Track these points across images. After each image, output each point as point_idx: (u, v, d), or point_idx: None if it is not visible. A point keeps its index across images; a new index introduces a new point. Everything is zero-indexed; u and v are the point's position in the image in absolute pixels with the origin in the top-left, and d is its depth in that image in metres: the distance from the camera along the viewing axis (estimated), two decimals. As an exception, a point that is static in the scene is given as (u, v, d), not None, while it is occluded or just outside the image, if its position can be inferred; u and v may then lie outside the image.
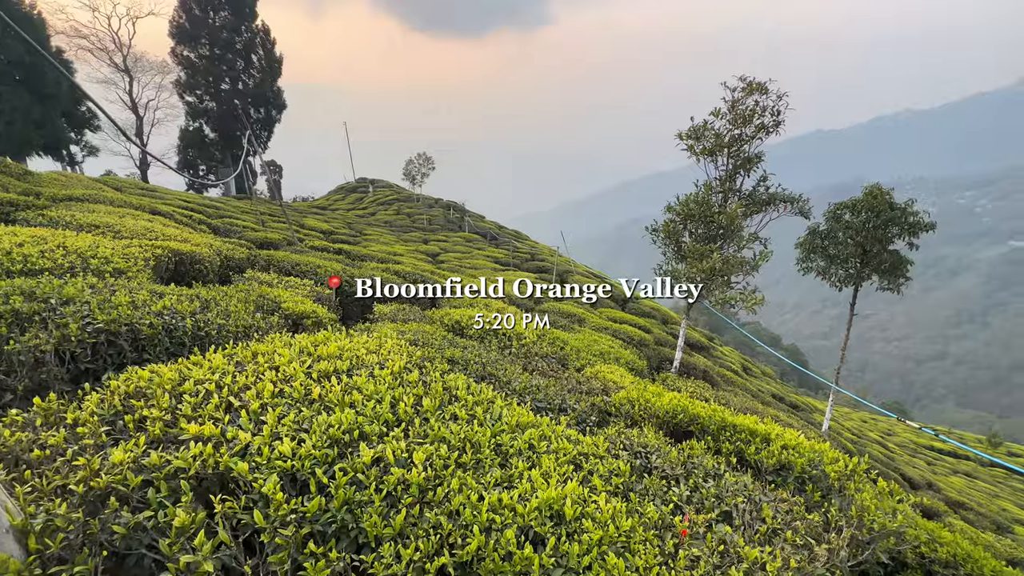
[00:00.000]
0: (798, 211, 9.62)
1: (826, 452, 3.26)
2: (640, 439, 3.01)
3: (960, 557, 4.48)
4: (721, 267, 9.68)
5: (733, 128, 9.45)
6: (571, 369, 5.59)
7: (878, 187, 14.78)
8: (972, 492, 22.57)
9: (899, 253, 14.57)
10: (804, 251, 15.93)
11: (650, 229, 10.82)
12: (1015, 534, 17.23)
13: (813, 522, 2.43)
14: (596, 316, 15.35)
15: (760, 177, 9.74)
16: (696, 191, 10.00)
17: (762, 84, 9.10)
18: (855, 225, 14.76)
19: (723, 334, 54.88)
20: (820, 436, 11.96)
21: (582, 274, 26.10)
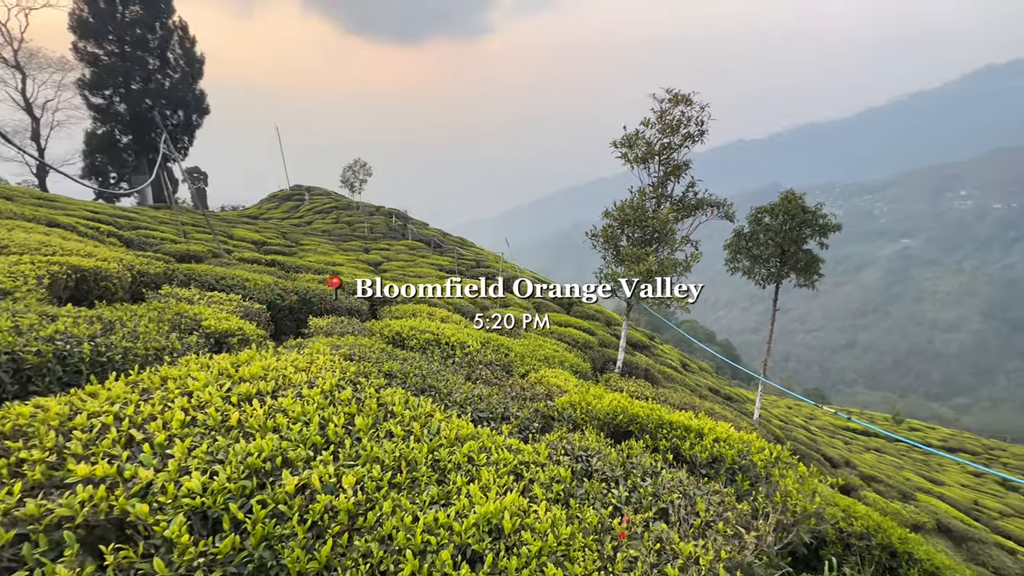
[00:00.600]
0: (724, 215, 10.27)
1: (753, 442, 3.45)
2: (581, 443, 3.04)
3: (872, 528, 4.91)
4: (657, 269, 10.11)
5: (663, 137, 9.96)
6: (515, 376, 5.58)
7: (792, 192, 16.11)
8: (882, 466, 24.98)
9: (812, 252, 15.90)
10: (731, 252, 16.99)
11: (590, 234, 11.11)
12: (918, 501, 19.23)
13: (743, 511, 2.55)
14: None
15: (689, 183, 10.32)
16: (631, 197, 10.42)
17: (686, 96, 9.67)
18: (774, 227, 15.98)
19: (663, 333, 57.46)
20: (752, 425, 12.78)
21: (527, 279, 26.38)
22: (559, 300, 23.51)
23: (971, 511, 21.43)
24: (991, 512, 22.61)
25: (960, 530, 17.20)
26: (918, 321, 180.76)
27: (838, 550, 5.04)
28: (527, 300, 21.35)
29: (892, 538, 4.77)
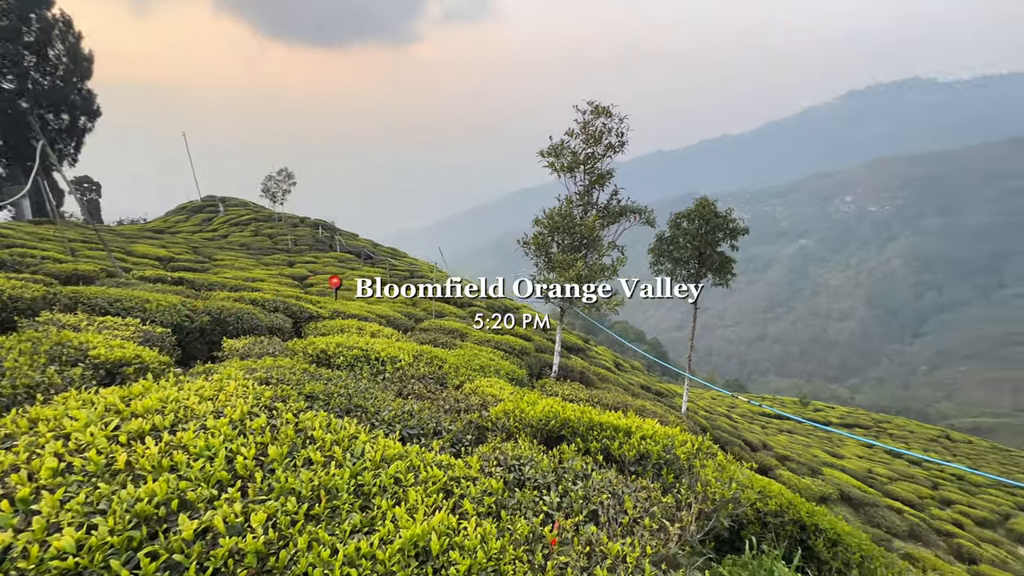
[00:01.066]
0: (645, 221, 10.87)
1: (676, 436, 3.63)
2: (514, 452, 3.04)
3: (784, 506, 5.35)
4: (587, 274, 10.46)
5: (586, 147, 10.37)
6: (450, 388, 5.49)
7: (706, 199, 17.43)
8: (793, 446, 27.47)
9: (725, 254, 17.25)
10: (654, 256, 18.01)
11: (521, 242, 11.27)
12: (824, 475, 21.33)
13: (668, 504, 2.67)
14: (478, 329, 15.49)
15: (612, 191, 10.82)
16: (559, 205, 10.72)
17: (607, 108, 10.16)
18: (691, 232, 17.20)
19: (597, 335, 59.52)
20: (680, 418, 13.51)
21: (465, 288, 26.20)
22: (494, 308, 23.60)
23: (867, 479, 24.14)
24: (882, 478, 25.60)
25: (858, 497, 19.30)
26: (815, 313, 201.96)
27: (757, 529, 5.43)
28: (463, 310, 21.20)
29: (801, 513, 5.24)
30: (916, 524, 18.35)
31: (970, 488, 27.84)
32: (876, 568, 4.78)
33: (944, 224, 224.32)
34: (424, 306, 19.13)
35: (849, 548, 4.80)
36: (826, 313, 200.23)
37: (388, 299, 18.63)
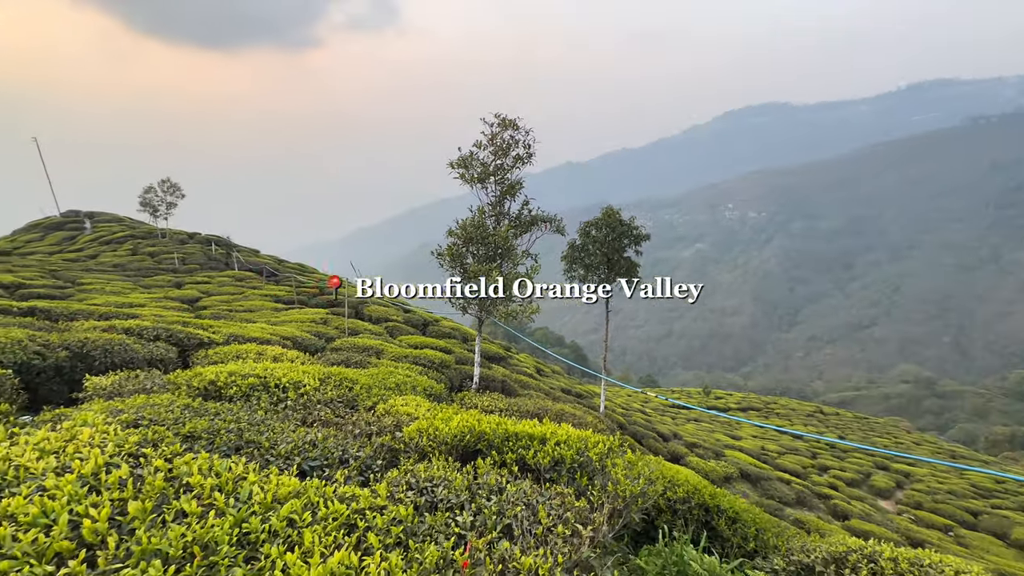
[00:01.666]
0: (556, 229, 11.25)
1: (589, 438, 3.74)
2: (427, 473, 2.91)
3: (690, 492, 5.74)
4: (502, 283, 10.55)
5: (495, 159, 10.53)
6: (361, 410, 5.18)
7: (611, 208, 18.49)
8: (700, 433, 29.87)
9: (631, 259, 18.40)
10: (567, 262, 18.70)
11: (436, 253, 11.11)
12: (726, 456, 23.39)
13: (581, 508, 2.72)
14: (395, 345, 14.93)
15: (523, 201, 11.07)
16: (472, 216, 10.74)
17: (513, 121, 10.41)
18: (600, 239, 18.12)
19: (519, 343, 60.40)
20: (598, 417, 14.07)
21: (378, 304, 25.18)
22: (413, 322, 22.99)
23: (761, 456, 26.93)
24: (773, 454, 28.72)
25: (755, 473, 21.42)
26: (712, 309, 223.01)
27: (668, 517, 5.76)
28: (379, 325, 20.37)
29: (705, 496, 5.65)
30: (801, 491, 20.75)
31: (840, 454, 32.20)
32: (768, 538, 5.28)
33: (805, 227, 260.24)
34: (337, 324, 18.10)
35: (746, 524, 5.25)
36: (721, 309, 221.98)
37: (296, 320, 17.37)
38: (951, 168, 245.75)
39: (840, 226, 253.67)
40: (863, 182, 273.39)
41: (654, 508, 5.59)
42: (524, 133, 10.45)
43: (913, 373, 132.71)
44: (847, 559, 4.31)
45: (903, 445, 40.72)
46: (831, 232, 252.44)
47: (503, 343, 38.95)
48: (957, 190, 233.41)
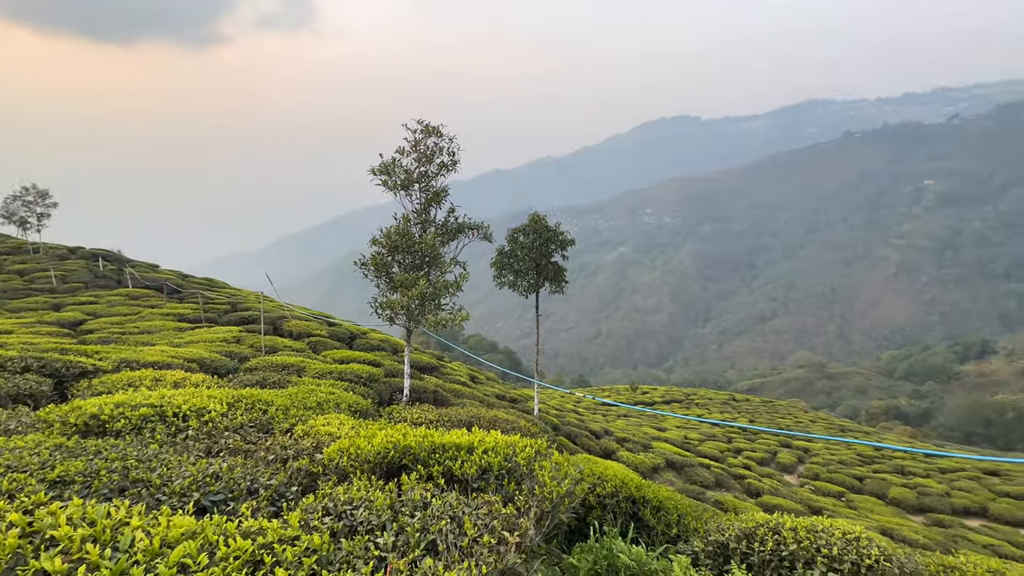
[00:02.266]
0: (483, 236, 11.27)
1: (517, 443, 3.75)
2: (347, 495, 2.75)
3: (617, 486, 5.97)
4: (431, 292, 10.37)
5: (419, 165, 10.35)
6: (277, 434, 4.81)
7: (537, 214, 18.91)
8: (630, 428, 31.27)
9: (558, 264, 18.91)
10: (497, 269, 18.82)
11: (359, 263, 10.67)
12: (654, 448, 24.68)
13: (509, 514, 2.70)
14: (318, 361, 14.13)
15: (450, 209, 10.98)
16: (396, 223, 10.46)
17: (436, 128, 10.32)
18: (527, 245, 18.45)
19: (452, 351, 59.71)
20: (532, 421, 14.24)
21: (300, 318, 23.71)
22: (339, 335, 21.91)
23: (684, 445, 28.73)
24: (695, 441, 30.75)
25: (679, 461, 22.79)
26: (635, 309, 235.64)
27: (599, 513, 5.95)
28: (301, 341, 19.17)
29: (631, 489, 5.90)
30: (720, 474, 22.39)
31: (751, 436, 35.24)
32: (689, 522, 5.62)
33: (715, 230, 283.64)
34: (252, 342, 16.78)
35: (668, 511, 5.55)
36: (643, 309, 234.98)
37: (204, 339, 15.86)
38: (832, 176, 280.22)
39: (744, 229, 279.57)
40: (762, 189, 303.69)
41: (584, 506, 5.74)
42: (448, 140, 10.39)
43: (807, 359, 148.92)
44: (756, 533, 4.70)
45: (802, 424, 45.45)
46: (737, 234, 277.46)
47: (436, 352, 38.28)
48: (837, 195, 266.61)
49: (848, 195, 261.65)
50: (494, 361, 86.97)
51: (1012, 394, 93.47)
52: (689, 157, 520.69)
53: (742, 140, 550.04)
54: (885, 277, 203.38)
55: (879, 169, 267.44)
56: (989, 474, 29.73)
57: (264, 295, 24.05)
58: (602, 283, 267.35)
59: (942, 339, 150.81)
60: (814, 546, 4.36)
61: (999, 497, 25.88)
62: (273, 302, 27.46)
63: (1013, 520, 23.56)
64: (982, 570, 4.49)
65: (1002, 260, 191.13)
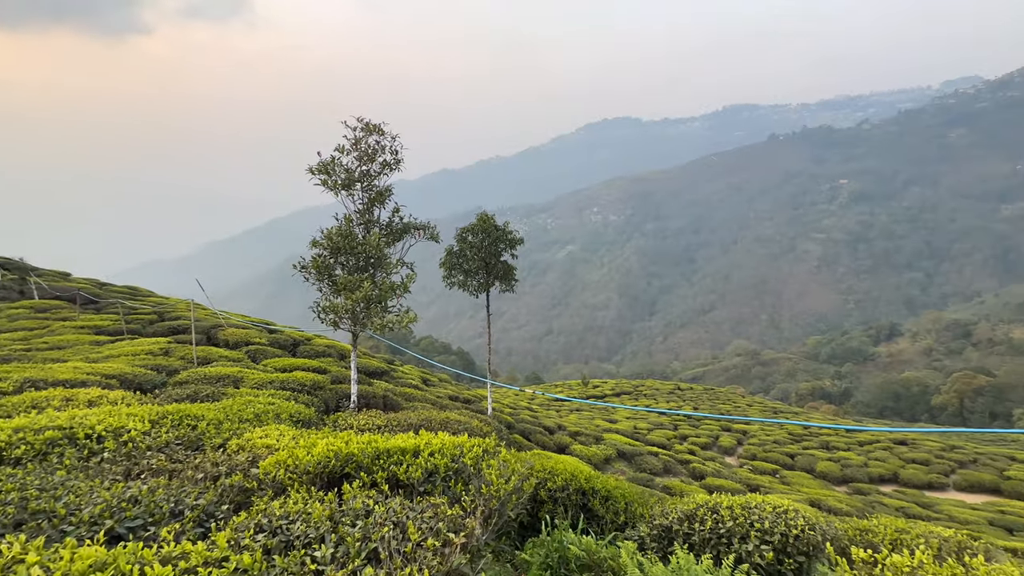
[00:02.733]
0: (430, 236, 11.10)
1: (465, 444, 3.72)
2: (283, 509, 2.61)
3: (568, 479, 6.08)
4: (376, 294, 10.09)
5: (361, 164, 10.03)
6: (208, 450, 4.50)
7: (485, 214, 18.89)
8: (582, 421, 31.98)
9: (508, 263, 18.99)
10: (446, 269, 18.65)
11: (299, 267, 10.20)
12: (605, 440, 25.38)
13: (455, 516, 2.67)
14: (258, 371, 13.38)
15: (394, 209, 10.73)
16: (338, 224, 10.10)
17: (378, 126, 10.03)
18: (476, 244, 18.41)
19: (403, 355, 58.46)
20: (485, 420, 14.22)
21: (237, 326, 22.32)
22: (280, 343, 20.86)
23: (634, 435, 29.77)
24: (644, 431, 31.93)
25: (630, 451, 23.59)
26: (585, 305, 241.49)
27: (550, 507, 6.04)
28: (238, 350, 18.07)
29: (581, 481, 6.03)
30: (667, 461, 23.39)
31: (695, 423, 37.10)
32: (636, 509, 5.82)
33: (657, 228, 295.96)
34: (183, 353, 15.63)
35: (616, 500, 5.72)
36: (593, 305, 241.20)
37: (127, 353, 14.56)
38: (760, 176, 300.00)
39: (683, 226, 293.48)
40: (699, 188, 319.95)
41: (536, 501, 5.81)
42: (390, 139, 10.12)
43: (743, 347, 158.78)
44: (696, 514, 4.95)
45: (740, 408, 48.41)
46: (677, 231, 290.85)
47: (386, 357, 37.36)
48: (765, 194, 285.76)
49: (774, 194, 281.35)
50: (447, 363, 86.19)
51: (916, 371, 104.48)
52: (631, 157, 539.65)
53: (679, 141, 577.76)
54: (808, 269, 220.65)
55: (800, 169, 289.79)
56: (899, 443, 33.02)
57: (195, 303, 22.39)
58: (552, 281, 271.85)
59: (858, 324, 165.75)
60: (748, 522, 4.65)
61: (907, 464, 28.82)
62: (206, 310, 25.71)
63: (919, 484, 26.33)
64: (891, 530, 4.97)
65: (905, 251, 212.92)
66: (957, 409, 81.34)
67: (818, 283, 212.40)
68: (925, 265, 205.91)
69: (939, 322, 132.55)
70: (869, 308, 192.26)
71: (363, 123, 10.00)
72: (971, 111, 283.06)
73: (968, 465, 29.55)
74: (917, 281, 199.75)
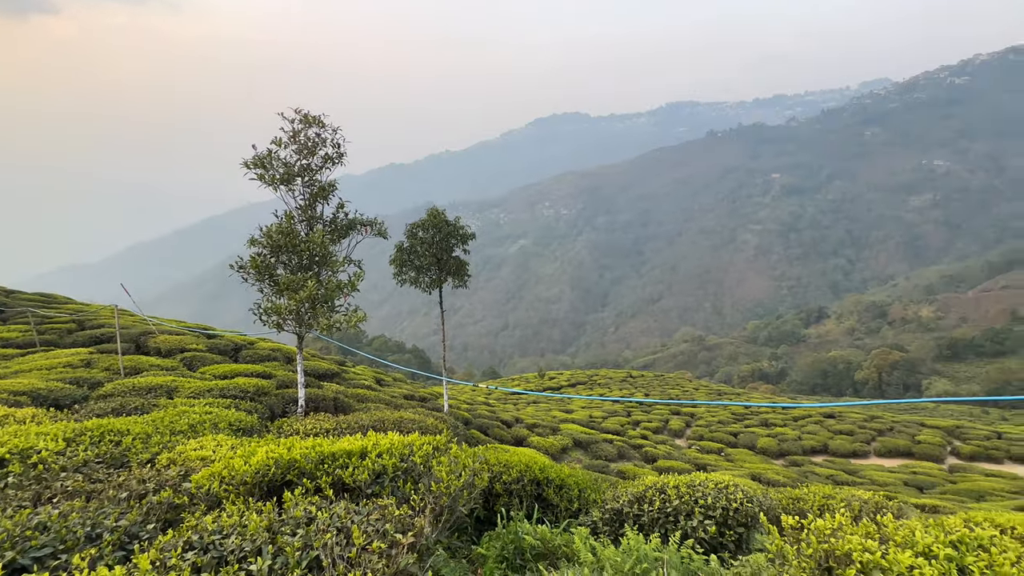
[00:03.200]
0: (377, 232, 10.78)
1: (415, 442, 3.65)
2: (215, 524, 2.45)
3: (522, 471, 6.13)
4: (322, 294, 9.70)
5: (301, 158, 9.57)
6: (134, 467, 4.16)
7: (435, 209, 18.61)
8: (539, 413, 32.41)
9: (460, 258, 18.82)
10: (397, 265, 18.24)
11: (236, 267, 9.61)
12: (562, 430, 25.87)
13: (403, 515, 2.62)
14: (195, 379, 12.55)
15: (338, 204, 10.33)
16: (278, 221, 9.59)
17: (317, 117, 9.59)
18: (427, 240, 18.11)
19: (356, 356, 56.74)
20: (441, 418, 14.09)
21: (171, 332, 20.81)
22: (220, 348, 19.68)
23: (590, 424, 30.53)
24: (599, 419, 32.83)
25: (586, 440, 24.17)
26: (539, 299, 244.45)
27: (506, 499, 6.08)
28: (172, 358, 16.86)
29: (536, 471, 6.10)
30: (621, 447, 24.18)
31: (647, 408, 38.57)
32: (589, 495, 5.96)
33: (607, 221, 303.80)
34: (107, 364, 14.42)
35: (570, 488, 5.84)
36: (547, 298, 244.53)
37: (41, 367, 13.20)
38: (702, 171, 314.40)
39: (632, 219, 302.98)
40: (646, 182, 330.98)
41: (492, 495, 5.82)
42: (332, 131, 9.70)
43: (690, 334, 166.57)
44: (645, 495, 5.14)
45: (688, 392, 50.79)
46: (625, 224, 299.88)
47: (337, 358, 36.18)
48: (707, 188, 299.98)
49: (715, 187, 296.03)
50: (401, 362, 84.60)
51: (842, 350, 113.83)
52: (580, 152, 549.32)
53: (626, 137, 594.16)
54: (746, 258, 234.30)
55: (738, 164, 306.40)
56: (828, 417, 35.88)
57: (122, 309, 20.61)
58: (506, 276, 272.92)
59: (791, 308, 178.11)
60: (693, 499, 4.88)
61: (835, 435, 31.36)
62: (134, 316, 23.79)
63: (846, 452, 28.74)
64: (819, 497, 5.39)
65: (831, 240, 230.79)
66: (876, 383, 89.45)
67: (755, 271, 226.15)
68: (847, 252, 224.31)
69: (860, 304, 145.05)
70: (800, 293, 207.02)
71: (301, 114, 9.53)
72: (883, 111, 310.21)
73: (886, 433, 32.56)
74: (841, 267, 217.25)
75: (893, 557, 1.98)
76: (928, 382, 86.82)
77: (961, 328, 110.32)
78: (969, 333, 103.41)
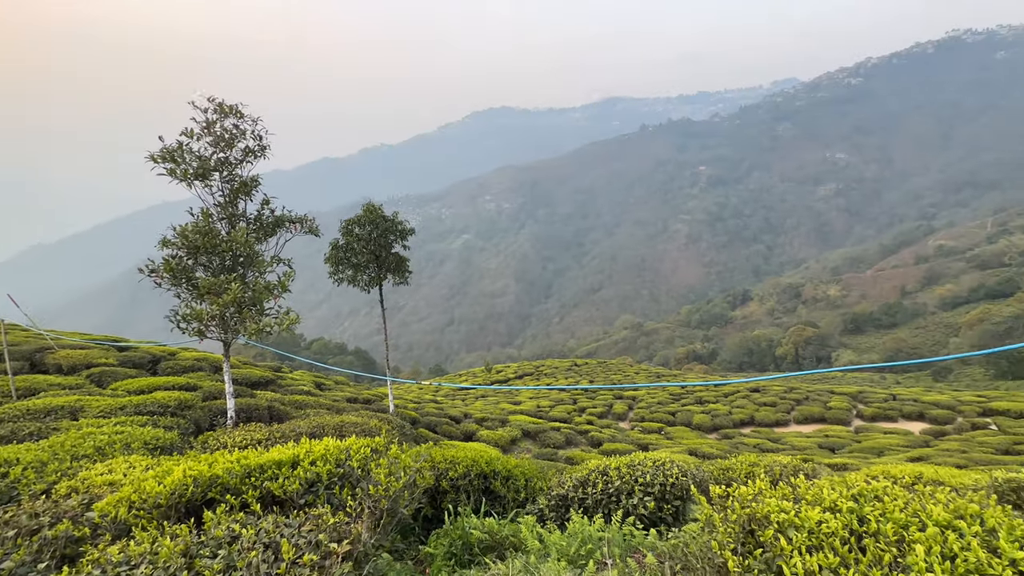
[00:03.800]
0: (308, 230, 10.23)
1: (352, 446, 3.51)
2: (121, 555, 2.21)
3: (469, 466, 6.11)
4: (249, 296, 9.07)
5: (218, 151, 8.83)
6: (25, 499, 3.68)
7: (372, 204, 17.97)
8: (488, 407, 32.48)
9: (399, 254, 18.34)
10: (332, 264, 17.47)
11: (147, 271, 8.75)
12: (511, 422, 26.10)
13: (338, 523, 2.50)
14: (105, 397, 11.35)
15: (263, 200, 9.67)
16: (195, 220, 8.82)
17: (235, 107, 8.88)
18: (364, 236, 17.46)
19: (294, 361, 53.89)
20: (385, 419, 13.72)
21: (73, 346, 18.65)
22: (135, 362, 17.95)
23: (538, 413, 31.03)
24: (546, 408, 33.45)
25: (534, 429, 24.54)
26: (484, 293, 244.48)
27: (453, 496, 6.03)
28: (76, 375, 15.13)
29: (482, 465, 6.10)
30: (569, 433, 24.79)
31: (592, 395, 39.82)
32: (536, 483, 6.05)
33: (548, 214, 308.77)
34: (-5, 387, 12.69)
35: (516, 478, 5.88)
36: (491, 292, 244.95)
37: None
38: (635, 164, 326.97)
39: (572, 211, 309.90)
40: (583, 175, 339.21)
41: (439, 492, 5.75)
42: (251, 122, 9.01)
43: (630, 321, 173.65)
44: (589, 479, 5.29)
45: (629, 376, 52.99)
46: (566, 217, 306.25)
47: (273, 364, 34.22)
48: (641, 180, 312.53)
49: (648, 180, 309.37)
50: (344, 364, 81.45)
51: (764, 329, 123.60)
52: (518, 145, 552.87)
53: (562, 130, 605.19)
54: (678, 246, 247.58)
55: (668, 157, 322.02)
56: (753, 391, 38.87)
57: (9, 324, 18.11)
58: (450, 271, 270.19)
59: (719, 292, 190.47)
60: (633, 478, 5.09)
61: (760, 407, 34.03)
62: (27, 331, 21.08)
63: (770, 422, 31.30)
64: (745, 465, 5.80)
65: (752, 227, 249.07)
66: (794, 357, 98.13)
67: (687, 259, 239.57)
68: (766, 239, 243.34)
69: (778, 286, 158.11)
70: (727, 277, 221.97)
71: (215, 104, 8.79)
72: (792, 108, 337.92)
73: (803, 402, 35.81)
74: (761, 252, 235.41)
75: (804, 515, 2.16)
76: (836, 354, 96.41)
77: (861, 304, 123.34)
78: (868, 308, 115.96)
